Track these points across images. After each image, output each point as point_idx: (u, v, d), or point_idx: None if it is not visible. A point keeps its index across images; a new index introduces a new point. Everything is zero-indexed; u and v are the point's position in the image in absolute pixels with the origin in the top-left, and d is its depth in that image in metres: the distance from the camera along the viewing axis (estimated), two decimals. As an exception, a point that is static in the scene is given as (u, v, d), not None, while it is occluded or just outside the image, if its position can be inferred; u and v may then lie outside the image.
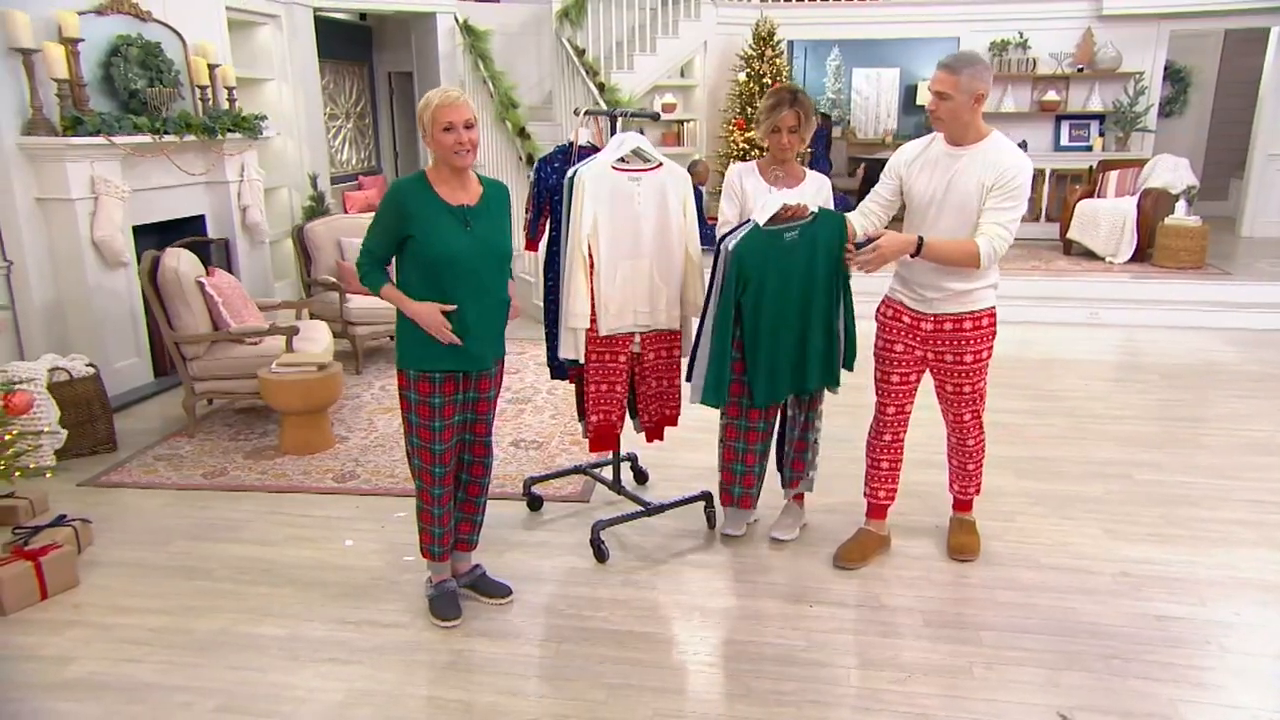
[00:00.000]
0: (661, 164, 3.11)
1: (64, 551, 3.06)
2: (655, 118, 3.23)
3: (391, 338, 5.46)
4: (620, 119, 3.35)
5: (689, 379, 3.14)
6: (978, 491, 3.37)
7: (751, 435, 3.18)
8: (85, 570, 3.20)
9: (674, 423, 3.39)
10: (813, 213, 2.98)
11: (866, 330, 3.20)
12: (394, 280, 2.74)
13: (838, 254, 3.00)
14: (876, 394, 3.25)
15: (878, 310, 3.23)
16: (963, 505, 3.41)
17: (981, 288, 2.99)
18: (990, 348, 3.08)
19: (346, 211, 8.78)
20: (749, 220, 2.99)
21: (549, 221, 3.47)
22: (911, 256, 2.87)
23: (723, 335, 2.98)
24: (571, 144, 3.46)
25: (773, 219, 2.92)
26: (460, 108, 2.59)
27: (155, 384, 5.26)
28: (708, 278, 3.12)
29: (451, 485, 2.87)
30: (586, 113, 3.46)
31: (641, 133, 3.38)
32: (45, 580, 2.98)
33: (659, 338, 3.24)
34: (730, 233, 3.03)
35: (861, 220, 3.13)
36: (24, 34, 4.36)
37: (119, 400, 4.88)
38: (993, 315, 3.04)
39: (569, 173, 3.18)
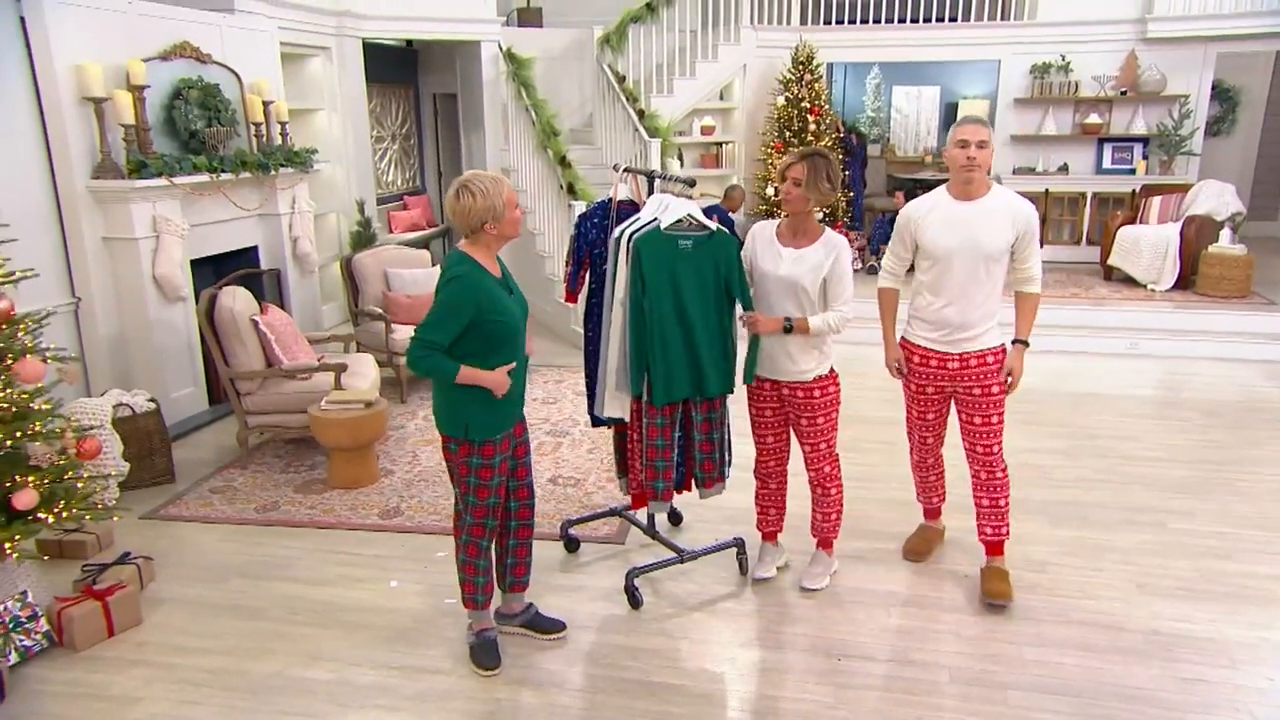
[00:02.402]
0: (713, 233, 3.18)
1: (129, 591, 3.25)
2: (691, 184, 3.33)
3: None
4: (658, 180, 3.46)
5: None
6: (1008, 533, 3.47)
7: (653, 432, 3.25)
8: (148, 607, 3.39)
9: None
10: (710, 229, 3.16)
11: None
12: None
13: (725, 273, 3.17)
14: (915, 429, 3.60)
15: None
16: (995, 549, 3.50)
17: (995, 326, 3.34)
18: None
19: (391, 230, 9.02)
20: (655, 220, 3.15)
21: (589, 275, 3.59)
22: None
23: (636, 329, 3.15)
24: (611, 200, 3.58)
25: (674, 225, 3.12)
26: (513, 190, 2.77)
27: (210, 412, 5.48)
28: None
29: (496, 536, 3.01)
30: (626, 170, 3.57)
31: (692, 186, 3.50)
32: (112, 619, 3.17)
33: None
34: (634, 227, 3.18)
35: (892, 282, 3.51)
36: (96, 84, 4.60)
37: (176, 429, 5.10)
38: (1004, 350, 3.36)
39: (614, 234, 3.27)
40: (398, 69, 9.45)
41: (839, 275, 3.15)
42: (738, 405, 3.47)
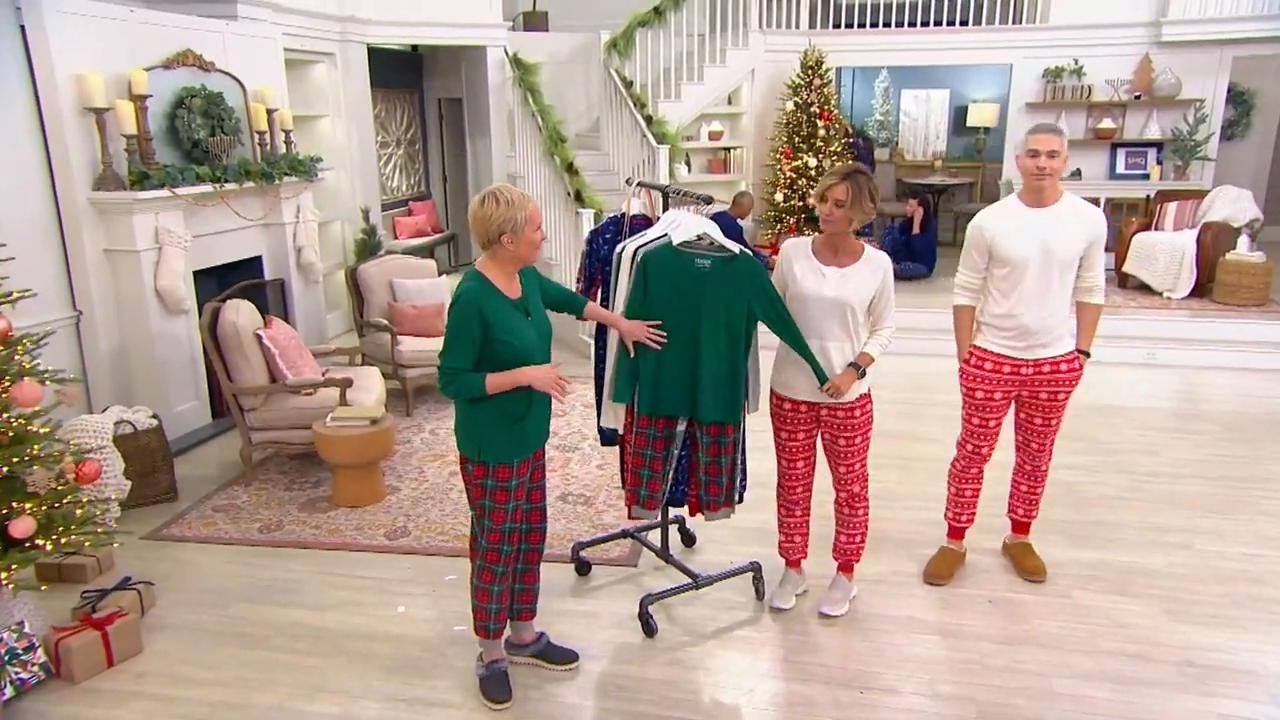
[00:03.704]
0: (735, 255, 3.04)
1: (129, 619, 3.16)
2: (708, 201, 3.23)
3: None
4: (673, 195, 3.36)
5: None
6: (1037, 514, 3.71)
7: (641, 441, 3.15)
8: (148, 634, 3.29)
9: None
10: (733, 252, 3.02)
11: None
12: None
13: (749, 297, 3.03)
14: (971, 438, 3.53)
15: (969, 363, 3.46)
16: (1024, 528, 3.75)
17: (1067, 331, 3.37)
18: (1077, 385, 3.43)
19: (396, 237, 8.94)
20: (665, 235, 3.05)
21: (600, 291, 3.50)
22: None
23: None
24: (624, 214, 3.48)
25: (689, 242, 3.00)
26: (538, 210, 2.67)
27: (213, 426, 5.39)
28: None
29: (514, 562, 2.91)
30: (639, 184, 3.47)
31: (709, 204, 3.38)
32: (112, 649, 3.07)
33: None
34: (646, 243, 3.07)
35: (969, 299, 3.47)
36: (98, 95, 4.52)
37: (179, 444, 5.01)
38: (1078, 356, 3.40)
39: (619, 247, 3.20)
40: (403, 74, 9.37)
41: (888, 296, 3.10)
42: (763, 422, 3.38)
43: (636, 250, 3.05)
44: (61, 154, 4.55)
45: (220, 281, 5.60)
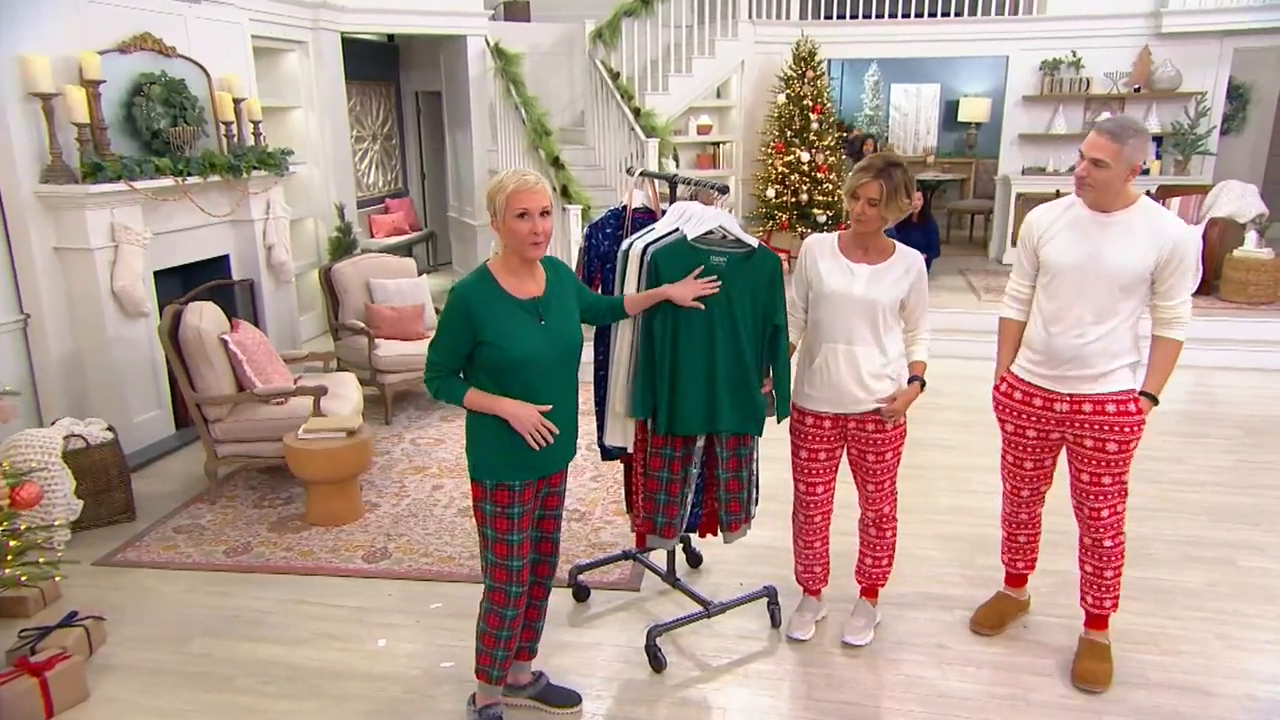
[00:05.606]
0: (753, 250, 2.76)
1: (72, 662, 2.80)
2: (724, 190, 2.91)
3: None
4: (681, 185, 3.05)
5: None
6: (1116, 605, 2.93)
7: (657, 462, 2.86)
8: (97, 676, 2.94)
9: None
10: (751, 246, 2.76)
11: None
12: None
13: (764, 299, 2.77)
14: (1008, 477, 3.05)
15: (998, 389, 2.96)
16: (1097, 622, 2.96)
17: (1122, 366, 2.71)
18: (1139, 437, 2.73)
19: (373, 235, 8.57)
20: (677, 229, 2.76)
21: (599, 291, 3.18)
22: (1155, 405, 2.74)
23: (645, 352, 2.76)
24: (625, 207, 3.17)
25: (703, 236, 2.73)
26: (537, 194, 2.31)
27: (177, 437, 5.02)
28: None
29: (524, 605, 2.58)
30: (642, 174, 3.16)
31: (725, 193, 3.08)
32: (52, 697, 2.72)
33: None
34: (656, 239, 2.78)
35: (1015, 311, 2.93)
36: (44, 79, 4.14)
37: (139, 458, 4.64)
38: (1137, 399, 2.72)
39: (624, 245, 2.89)
40: (379, 65, 9.00)
41: (923, 296, 2.84)
42: (774, 431, 3.07)
43: (645, 248, 2.74)
44: (4, 144, 4.16)
45: (184, 282, 5.23)
